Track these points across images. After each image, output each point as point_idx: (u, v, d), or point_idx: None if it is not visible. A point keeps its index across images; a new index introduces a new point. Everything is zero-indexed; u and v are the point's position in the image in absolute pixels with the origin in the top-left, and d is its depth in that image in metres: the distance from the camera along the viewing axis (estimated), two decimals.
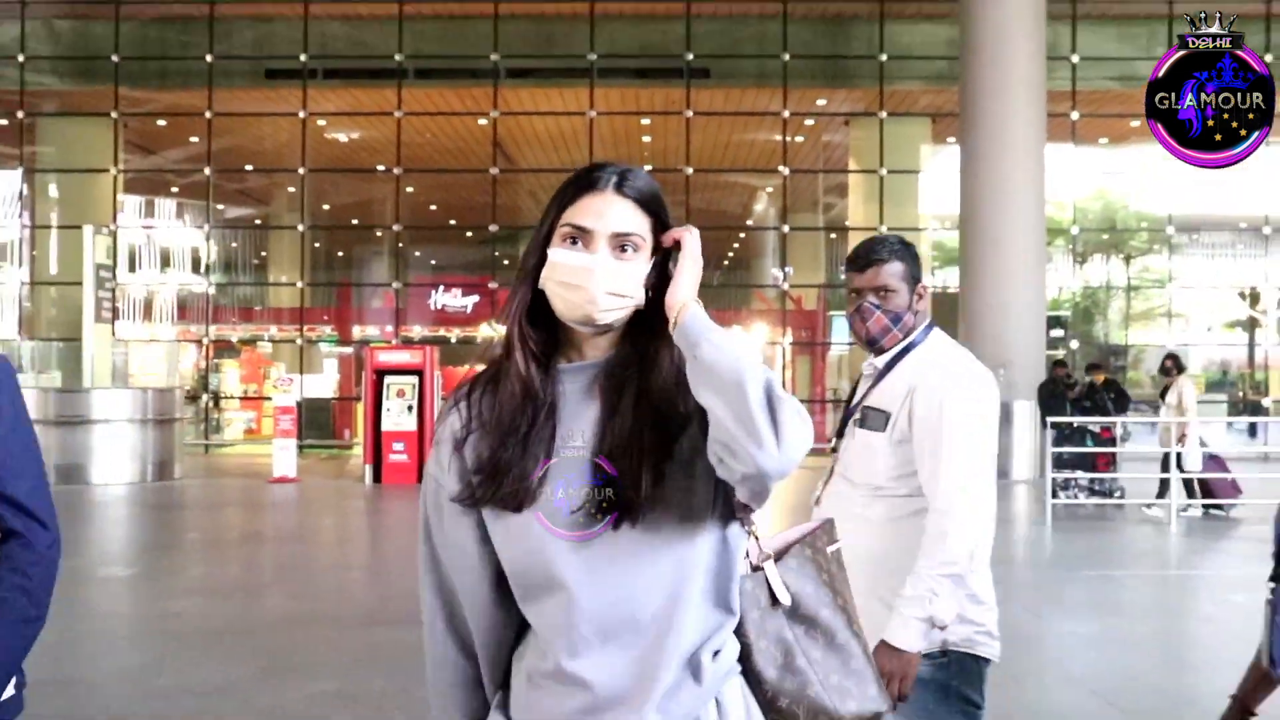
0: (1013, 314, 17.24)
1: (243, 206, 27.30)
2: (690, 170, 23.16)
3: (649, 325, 1.75)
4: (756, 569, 1.82)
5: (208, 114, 23.00)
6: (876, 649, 2.57)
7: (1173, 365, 13.83)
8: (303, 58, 22.65)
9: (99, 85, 23.15)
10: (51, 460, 14.52)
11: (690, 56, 22.36)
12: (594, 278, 1.69)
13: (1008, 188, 17.19)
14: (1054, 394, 14.56)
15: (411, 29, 22.69)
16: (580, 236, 1.73)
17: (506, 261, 24.47)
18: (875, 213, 22.87)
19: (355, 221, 28.41)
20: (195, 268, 25.42)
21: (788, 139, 23.41)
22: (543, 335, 1.78)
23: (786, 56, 22.23)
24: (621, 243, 1.73)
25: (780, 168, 23.58)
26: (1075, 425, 14.35)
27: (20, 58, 22.82)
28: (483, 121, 23.48)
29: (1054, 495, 13.52)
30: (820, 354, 25.30)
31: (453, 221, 27.09)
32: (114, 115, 23.02)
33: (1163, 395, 14.13)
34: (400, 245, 24.26)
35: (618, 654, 1.69)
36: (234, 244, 26.28)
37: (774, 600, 1.82)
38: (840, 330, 25.50)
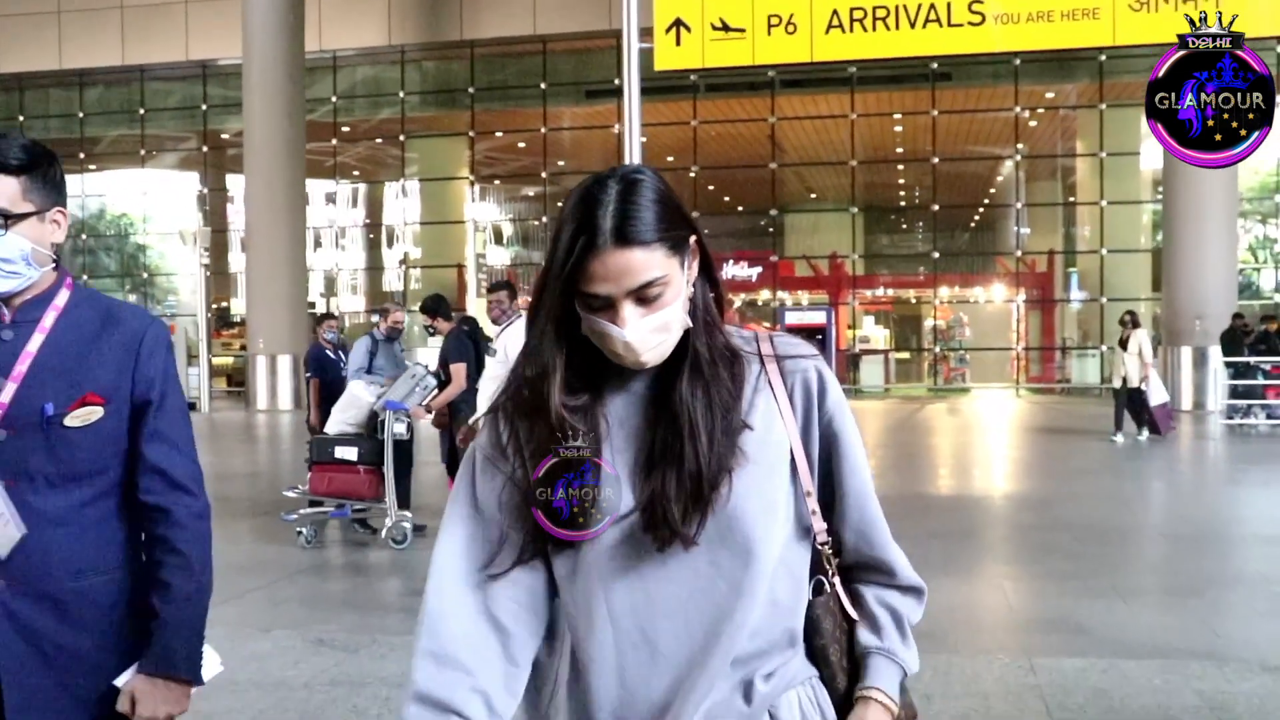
0: (1207, 273, 20.95)
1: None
2: (936, 159, 27.51)
3: (695, 322, 1.66)
4: (822, 589, 1.72)
5: (542, 129, 28.82)
6: None
7: (1130, 319, 16.07)
8: (615, 81, 28.09)
9: (457, 110, 29.32)
10: None
11: (934, 65, 26.64)
12: (632, 347, 1.58)
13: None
14: (1233, 340, 18.38)
15: None
16: (599, 302, 1.58)
17: (785, 237, 29.46)
18: (1098, 188, 26.70)
19: None
20: (532, 247, 31.50)
21: (1019, 127, 27.38)
22: (584, 359, 1.66)
23: (1018, 60, 26.24)
24: (642, 295, 1.57)
25: (1016, 149, 27.59)
26: (1250, 364, 18.20)
27: (400, 93, 29.23)
28: (762, 124, 28.39)
29: (1229, 418, 17.65)
30: (1050, 309, 29.12)
31: (740, 207, 32.01)
32: (470, 134, 29.18)
33: (1122, 345, 16.04)
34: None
35: (662, 672, 1.61)
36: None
37: (845, 615, 1.73)
38: (1072, 288, 29.29)
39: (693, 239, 1.64)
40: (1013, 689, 5.24)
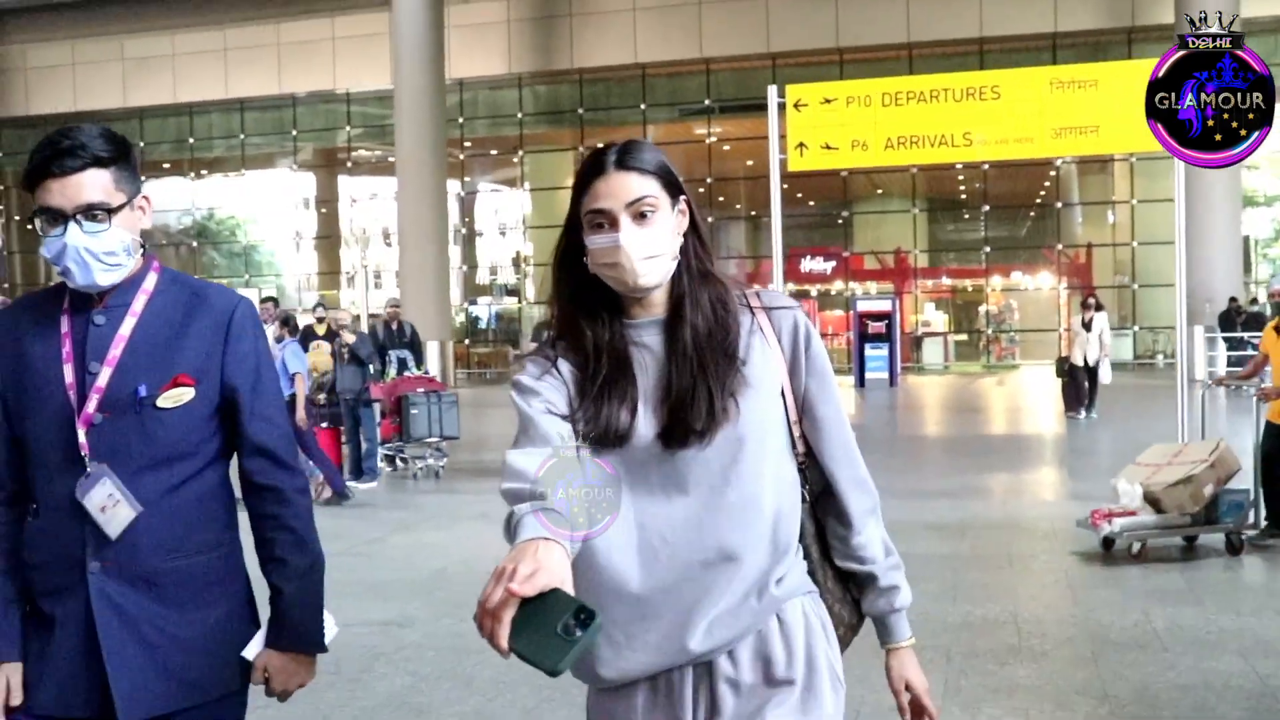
0: (1215, 263, 24.57)
1: None
2: (988, 165, 31.28)
3: (689, 272, 1.94)
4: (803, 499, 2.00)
5: None
6: None
7: (1094, 303, 17.27)
8: (705, 101, 32.21)
9: (567, 128, 33.71)
10: None
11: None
12: (624, 252, 1.84)
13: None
14: (1227, 319, 22.15)
15: (782, 73, 31.72)
16: (603, 219, 1.86)
17: (855, 233, 33.48)
18: (1128, 188, 30.44)
19: (739, 207, 37.95)
20: None
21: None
22: (606, 300, 1.94)
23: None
24: (639, 210, 1.86)
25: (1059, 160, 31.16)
26: (1242, 338, 21.93)
27: (519, 114, 33.69)
28: None
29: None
30: (1089, 295, 32.59)
31: (812, 203, 35.07)
32: (580, 149, 33.51)
33: (1085, 326, 16.86)
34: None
35: (680, 574, 1.84)
36: None
37: (819, 520, 2.04)
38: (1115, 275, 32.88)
39: (683, 198, 1.94)
40: (910, 517, 9.45)
